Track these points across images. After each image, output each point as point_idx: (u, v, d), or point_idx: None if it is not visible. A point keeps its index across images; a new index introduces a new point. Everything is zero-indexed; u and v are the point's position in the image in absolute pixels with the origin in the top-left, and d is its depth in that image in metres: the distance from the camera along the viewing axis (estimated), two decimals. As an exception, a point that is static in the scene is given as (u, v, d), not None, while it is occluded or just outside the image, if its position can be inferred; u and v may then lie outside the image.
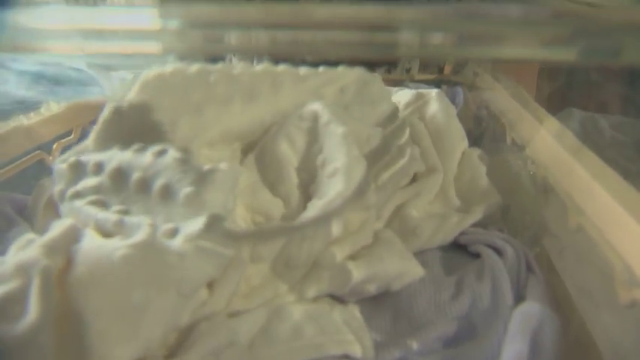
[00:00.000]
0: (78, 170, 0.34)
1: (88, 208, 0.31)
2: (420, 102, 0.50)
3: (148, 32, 0.18)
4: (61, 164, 0.34)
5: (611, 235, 0.32)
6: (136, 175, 0.32)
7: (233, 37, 0.17)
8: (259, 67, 0.42)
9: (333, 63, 0.45)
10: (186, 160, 0.33)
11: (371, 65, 0.91)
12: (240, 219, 0.36)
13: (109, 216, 0.30)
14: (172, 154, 0.33)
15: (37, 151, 0.47)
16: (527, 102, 0.54)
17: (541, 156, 0.43)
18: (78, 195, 0.32)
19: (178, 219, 0.31)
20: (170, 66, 0.39)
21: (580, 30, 0.16)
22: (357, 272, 0.34)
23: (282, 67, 0.43)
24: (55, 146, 0.50)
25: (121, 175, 0.32)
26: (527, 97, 0.56)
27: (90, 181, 0.33)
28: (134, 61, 1.26)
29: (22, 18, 0.18)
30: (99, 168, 0.33)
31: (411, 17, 0.16)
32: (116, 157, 0.33)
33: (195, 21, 0.17)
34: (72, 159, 0.34)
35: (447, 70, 1.00)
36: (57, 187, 0.34)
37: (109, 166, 0.33)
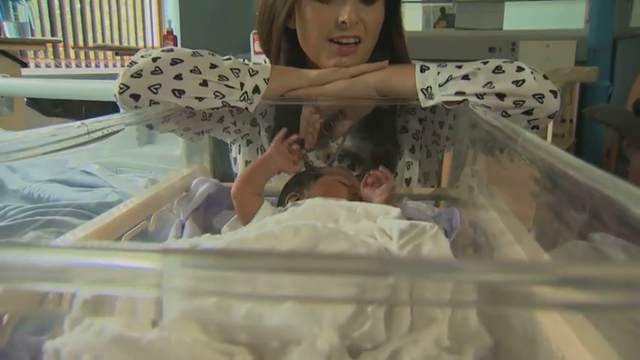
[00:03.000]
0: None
1: None
2: (413, 233, 0.53)
3: (150, 274, 0.20)
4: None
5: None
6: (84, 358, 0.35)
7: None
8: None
9: None
10: (125, 336, 0.35)
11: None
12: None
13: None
14: (110, 329, 0.36)
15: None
16: (521, 234, 0.57)
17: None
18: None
19: None
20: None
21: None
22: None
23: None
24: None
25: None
26: (520, 228, 0.58)
27: None
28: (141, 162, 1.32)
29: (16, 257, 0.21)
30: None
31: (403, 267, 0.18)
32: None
33: (197, 264, 0.20)
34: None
35: (444, 181, 1.04)
36: None
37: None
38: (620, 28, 3.39)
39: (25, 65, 2.46)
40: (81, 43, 3.39)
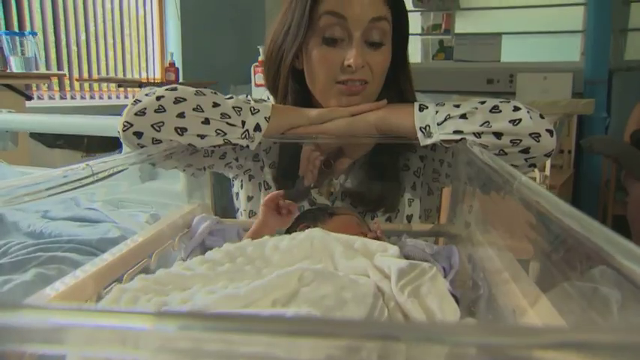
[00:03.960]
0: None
1: None
2: (412, 274, 0.54)
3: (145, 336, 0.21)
4: None
5: None
6: None
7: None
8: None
9: None
10: None
11: (372, 213, 0.97)
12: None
13: None
14: None
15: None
16: (518, 273, 0.58)
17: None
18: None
19: None
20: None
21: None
22: None
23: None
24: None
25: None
26: (517, 267, 0.59)
27: None
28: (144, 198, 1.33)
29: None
30: None
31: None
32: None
33: (192, 325, 0.20)
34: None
35: (443, 217, 1.05)
36: None
37: None
38: (616, 61, 3.45)
39: (29, 98, 2.49)
40: (85, 74, 3.44)
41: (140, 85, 3.64)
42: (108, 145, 2.78)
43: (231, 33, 4.33)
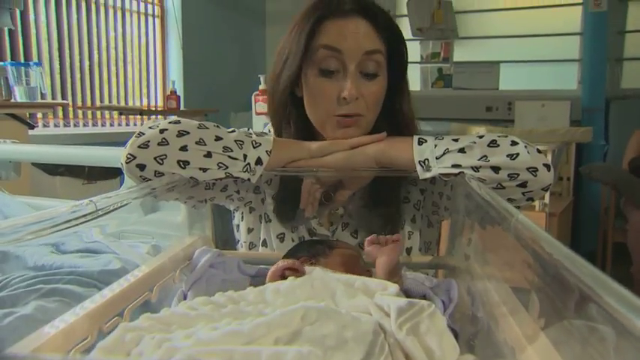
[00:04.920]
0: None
1: None
2: (411, 312, 0.54)
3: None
4: None
5: None
6: None
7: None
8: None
9: None
10: None
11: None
12: None
13: None
14: None
15: None
16: (516, 308, 0.58)
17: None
18: None
19: None
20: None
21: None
22: None
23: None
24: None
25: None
26: (515, 301, 0.60)
27: None
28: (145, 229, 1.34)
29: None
30: None
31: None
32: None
33: None
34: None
35: (442, 250, 1.05)
36: None
37: None
38: (612, 89, 3.49)
39: (32, 127, 2.52)
40: (89, 102, 3.48)
41: (141, 112, 3.67)
42: (109, 172, 2.80)
43: (232, 62, 4.39)
